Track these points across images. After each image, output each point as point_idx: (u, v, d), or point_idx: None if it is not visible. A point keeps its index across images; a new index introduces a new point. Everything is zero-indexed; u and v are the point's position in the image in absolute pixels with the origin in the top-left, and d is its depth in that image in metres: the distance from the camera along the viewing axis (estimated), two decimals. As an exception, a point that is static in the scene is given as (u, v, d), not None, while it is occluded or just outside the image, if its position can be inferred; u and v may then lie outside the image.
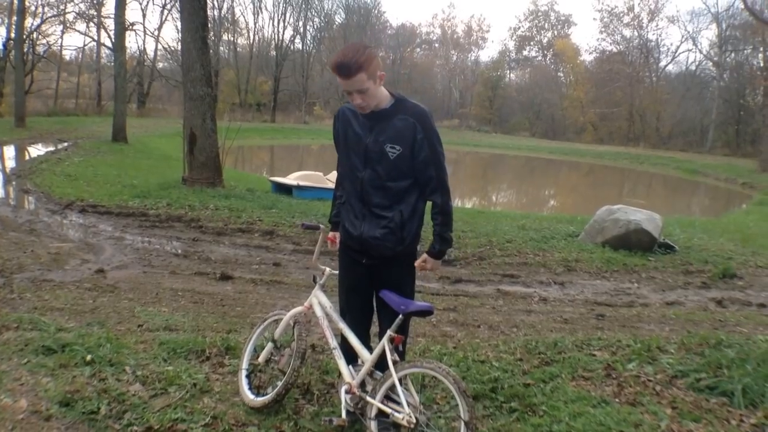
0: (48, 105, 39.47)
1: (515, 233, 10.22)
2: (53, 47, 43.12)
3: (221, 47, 53.75)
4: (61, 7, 39.99)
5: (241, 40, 59.93)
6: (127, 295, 6.22)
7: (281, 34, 57.68)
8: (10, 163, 17.99)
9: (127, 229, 9.55)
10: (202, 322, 5.35)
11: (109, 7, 38.75)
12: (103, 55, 45.13)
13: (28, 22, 34.20)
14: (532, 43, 73.40)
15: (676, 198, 26.34)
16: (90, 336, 4.22)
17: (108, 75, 38.86)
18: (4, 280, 6.32)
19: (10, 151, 20.85)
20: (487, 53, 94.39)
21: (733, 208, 21.97)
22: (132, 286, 6.63)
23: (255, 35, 59.48)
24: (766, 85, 35.99)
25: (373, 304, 3.35)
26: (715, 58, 52.02)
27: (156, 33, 46.50)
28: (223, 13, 52.69)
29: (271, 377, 3.63)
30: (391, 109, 3.05)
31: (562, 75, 69.67)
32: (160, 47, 46.45)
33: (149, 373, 3.75)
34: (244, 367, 3.69)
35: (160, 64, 48.40)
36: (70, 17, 40.98)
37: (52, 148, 21.45)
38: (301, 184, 13.70)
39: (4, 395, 3.19)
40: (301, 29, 58.88)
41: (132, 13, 55.10)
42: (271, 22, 72.38)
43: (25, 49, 32.23)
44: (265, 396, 3.47)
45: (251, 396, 3.53)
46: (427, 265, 3.21)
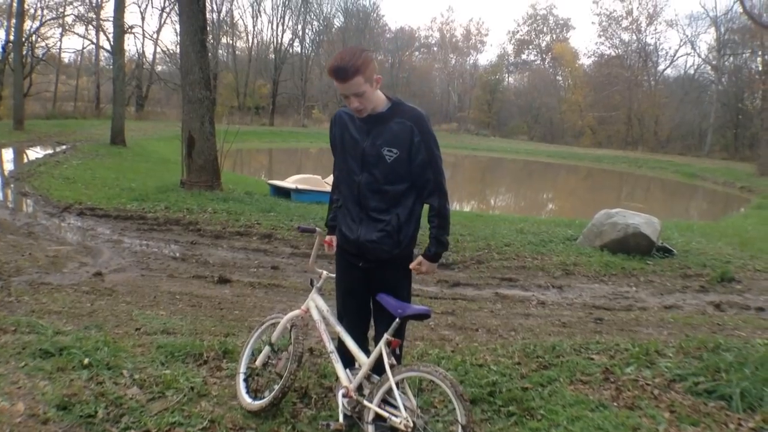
0: (46, 108, 39.42)
1: (513, 237, 10.22)
2: (52, 50, 43.09)
3: (220, 50, 53.81)
4: (60, 10, 40.05)
5: (239, 44, 60.08)
6: (124, 299, 6.21)
7: (280, 37, 57.79)
8: (9, 166, 17.99)
9: (125, 232, 9.55)
10: (199, 325, 5.34)
11: (108, 10, 38.87)
12: (102, 58, 45.42)
13: (27, 24, 34.23)
14: (531, 46, 73.60)
15: (674, 202, 26.36)
16: (87, 339, 4.21)
17: (107, 78, 38.77)
18: (1, 283, 6.30)
19: (8, 153, 20.84)
20: (486, 57, 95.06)
21: (731, 211, 22.00)
22: (130, 289, 6.62)
23: (254, 38, 59.62)
24: (764, 89, 36.07)
25: (371, 308, 3.34)
26: (714, 62, 52.14)
27: (155, 36, 46.36)
28: (222, 16, 52.78)
29: (268, 381, 3.62)
30: (388, 113, 3.06)
31: (561, 79, 69.80)
32: (158, 50, 46.49)
33: (147, 376, 3.75)
34: (242, 370, 3.69)
35: (159, 67, 48.42)
36: (69, 20, 41.09)
37: (51, 151, 21.46)
38: (300, 187, 13.71)
39: (1, 399, 3.18)
40: (300, 32, 58.99)
41: (131, 16, 55.15)
42: (270, 25, 72.62)
43: (24, 52, 32.23)
44: (262, 400, 3.47)
45: (249, 400, 3.53)
46: (422, 267, 3.20)
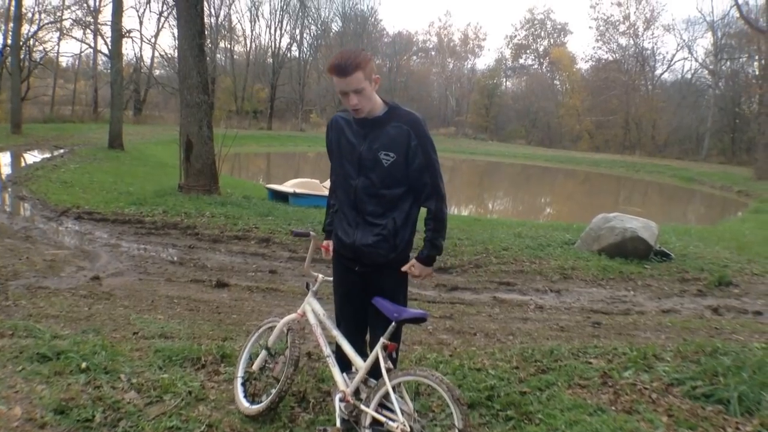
0: (44, 112, 39.43)
1: (511, 241, 10.22)
2: (50, 54, 43.08)
3: (218, 55, 53.87)
4: (58, 14, 40.06)
5: (237, 48, 60.20)
6: (122, 303, 6.20)
7: (278, 41, 57.91)
8: (6, 170, 17.97)
9: (123, 237, 9.54)
10: (197, 329, 5.33)
11: (105, 15, 39.08)
12: (100, 62, 45.39)
13: (25, 28, 34.20)
14: (529, 51, 73.77)
15: (671, 206, 26.39)
16: (85, 343, 4.20)
17: (104, 82, 38.80)
18: (-1, 287, 6.30)
19: (6, 157, 20.82)
20: (484, 61, 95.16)
21: (728, 216, 22.01)
22: (127, 293, 6.61)
23: (252, 43, 59.74)
24: (761, 93, 36.08)
25: (367, 312, 3.34)
26: (711, 67, 52.28)
27: (153, 40, 46.43)
28: (220, 20, 52.85)
29: (265, 385, 3.62)
30: (385, 117, 3.07)
31: (558, 83, 69.96)
32: (156, 54, 46.54)
33: (144, 380, 3.74)
34: (240, 374, 3.69)
35: (157, 72, 48.41)
36: (66, 24, 41.02)
37: (48, 154, 21.45)
38: (298, 191, 13.70)
39: (-2, 403, 3.17)
40: (298, 37, 59.02)
41: (129, 21, 55.23)
42: (268, 29, 73.05)
43: (22, 56, 32.19)
44: (259, 404, 3.47)
45: (246, 404, 3.52)
46: (415, 270, 3.19)
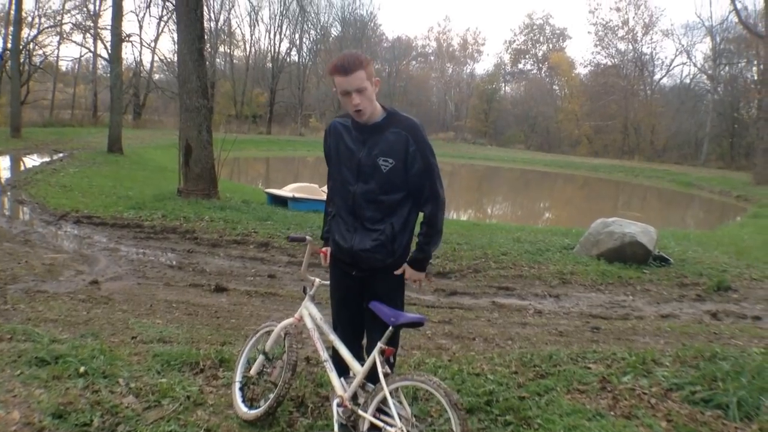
0: (44, 115, 39.42)
1: (510, 246, 10.22)
2: (50, 58, 43.15)
3: (217, 59, 53.87)
4: (58, 18, 40.10)
5: (237, 52, 60.22)
6: (121, 307, 6.19)
7: (277, 46, 57.97)
8: (5, 174, 17.96)
9: (122, 241, 9.53)
10: (196, 334, 5.33)
11: (105, 19, 39.13)
12: (100, 67, 45.32)
13: (25, 32, 34.20)
14: (528, 56, 73.92)
15: (670, 211, 26.40)
16: (83, 347, 4.20)
17: (104, 86, 38.81)
18: (-3, 291, 6.29)
19: (5, 161, 20.81)
20: (483, 66, 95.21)
21: (727, 220, 22.02)
22: (126, 297, 6.60)
23: (251, 47, 59.80)
24: (760, 98, 36.15)
25: (364, 316, 3.33)
26: (710, 72, 52.33)
27: (152, 44, 46.48)
28: (219, 25, 52.87)
29: (263, 390, 3.61)
30: (384, 123, 3.07)
31: (557, 88, 70.08)
32: (156, 59, 46.46)
33: (143, 385, 3.73)
34: (238, 379, 3.68)
35: (157, 76, 48.32)
36: (66, 28, 41.06)
37: (48, 158, 21.46)
38: (297, 196, 13.70)
39: (-4, 407, 3.17)
40: (298, 41, 59.10)
41: (129, 25, 55.13)
42: (268, 34, 73.08)
43: (22, 60, 32.21)
44: (258, 409, 3.46)
45: (244, 409, 3.52)
46: (406, 274, 3.20)
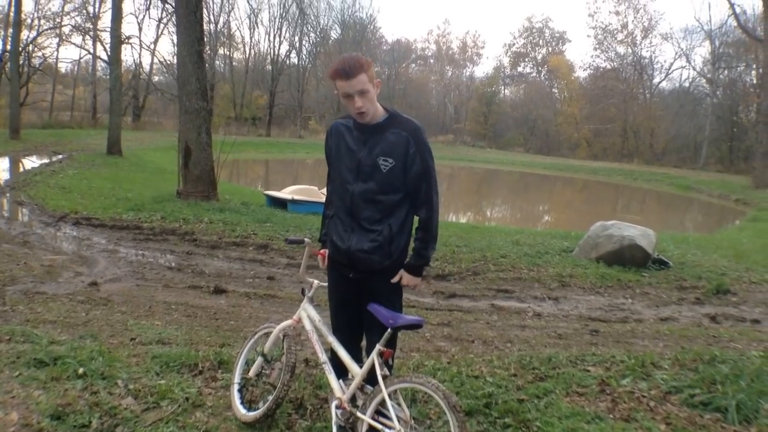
0: (43, 117, 39.42)
1: (509, 248, 10.22)
2: (49, 60, 43.16)
3: (217, 61, 53.96)
4: (58, 20, 40.14)
5: (237, 55, 60.26)
6: (120, 308, 6.19)
7: (277, 48, 57.92)
8: (5, 175, 17.93)
9: (121, 242, 9.53)
10: (195, 335, 5.33)
11: (105, 21, 39.15)
12: (99, 68, 45.29)
13: (24, 34, 34.25)
14: (527, 59, 73.94)
15: (669, 214, 26.41)
16: (82, 349, 4.19)
17: (103, 88, 38.85)
18: (-4, 292, 6.28)
19: (4, 162, 20.80)
20: (482, 69, 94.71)
21: (726, 224, 22.02)
22: (125, 299, 6.60)
23: (251, 50, 59.81)
24: (759, 102, 36.18)
25: (363, 318, 3.32)
26: (709, 75, 52.37)
27: (152, 47, 46.49)
28: (219, 27, 52.91)
29: (262, 391, 3.61)
30: (385, 123, 3.09)
31: (557, 91, 70.11)
32: (155, 61, 46.49)
33: (141, 386, 3.73)
34: (236, 381, 3.68)
35: (156, 78, 48.38)
36: (66, 30, 41.12)
37: (47, 160, 21.45)
38: (296, 198, 13.70)
39: (-6, 409, 3.16)
40: (297, 44, 59.09)
41: (128, 27, 55.28)
42: (267, 36, 73.11)
43: (21, 62, 32.24)
44: (256, 410, 3.46)
45: (243, 410, 3.51)
46: (403, 280, 3.19)
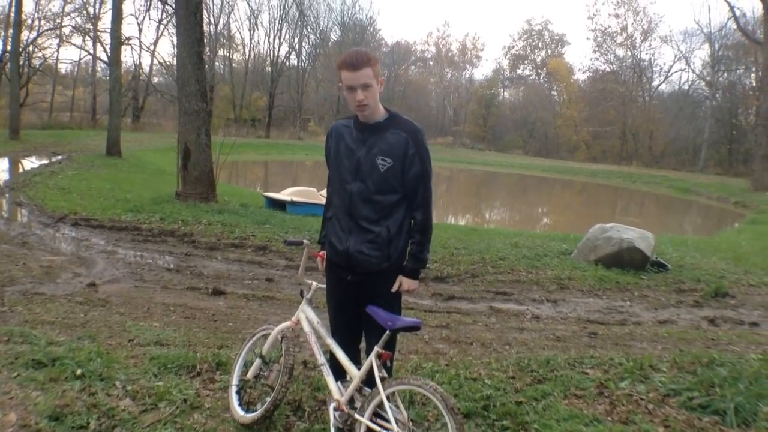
0: (42, 118, 39.44)
1: (508, 251, 10.21)
2: (49, 60, 43.21)
3: (217, 63, 54.02)
4: (58, 20, 40.21)
5: (236, 56, 60.36)
6: (118, 310, 6.18)
7: (277, 50, 57.99)
8: (4, 176, 17.93)
9: (120, 243, 9.53)
10: (193, 337, 5.32)
11: (105, 22, 39.13)
12: (99, 69, 45.34)
13: (24, 35, 34.32)
14: (526, 61, 74.02)
15: (668, 217, 26.42)
16: (80, 350, 4.19)
17: (103, 89, 38.88)
18: (-6, 293, 6.27)
19: (3, 163, 20.81)
20: (481, 71, 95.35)
21: (725, 227, 22.01)
22: (123, 300, 6.59)
23: (251, 51, 59.92)
24: (758, 105, 36.25)
25: (361, 321, 3.32)
26: (708, 78, 52.40)
27: (152, 48, 46.50)
28: (219, 28, 53.02)
29: (260, 393, 3.61)
30: (386, 123, 3.10)
31: (556, 94, 70.19)
32: (155, 62, 46.50)
33: (139, 388, 3.73)
34: (234, 383, 3.68)
35: (156, 79, 48.38)
36: (66, 31, 41.21)
37: (46, 161, 21.46)
38: (295, 199, 13.69)
39: (-8, 410, 3.16)
40: (297, 46, 59.15)
41: (128, 28, 55.20)
42: (267, 38, 73.15)
43: (21, 62, 32.29)
44: (254, 412, 3.46)
45: (241, 412, 3.51)
46: (403, 285, 3.18)
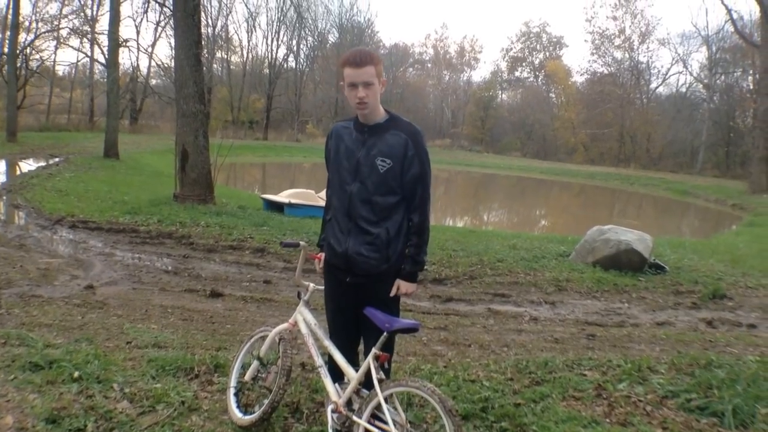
0: (40, 120, 39.44)
1: (506, 253, 10.22)
2: (46, 62, 43.23)
3: (214, 65, 53.88)
4: (55, 23, 40.17)
5: (234, 58, 60.31)
6: (116, 312, 6.18)
7: (275, 52, 57.89)
8: (1, 178, 17.93)
9: (117, 246, 9.52)
10: (191, 339, 5.32)
11: (102, 24, 39.14)
12: (96, 71, 45.21)
13: (22, 37, 34.36)
14: (524, 64, 74.06)
15: (666, 219, 26.43)
16: (78, 352, 4.18)
17: (101, 91, 38.80)
18: (-9, 295, 6.26)
19: (0, 165, 20.79)
20: (480, 74, 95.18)
21: (723, 229, 22.06)
22: (121, 302, 6.59)
23: (248, 53, 59.85)
24: (755, 108, 36.31)
25: (359, 322, 3.31)
26: (706, 81, 52.46)
27: (149, 50, 46.48)
28: (216, 30, 52.87)
29: (258, 395, 3.60)
30: (386, 124, 3.11)
31: (554, 96, 70.22)
32: (153, 64, 46.52)
33: (137, 390, 3.72)
34: (232, 385, 3.67)
35: (153, 81, 48.34)
36: (63, 33, 41.19)
37: (44, 163, 21.44)
38: (293, 201, 13.69)
39: (-11, 412, 3.15)
40: (295, 48, 59.12)
41: (126, 30, 55.01)
42: (265, 40, 73.15)
43: (18, 64, 32.22)
44: (252, 414, 3.45)
45: (239, 414, 3.51)
46: (402, 289, 3.18)
